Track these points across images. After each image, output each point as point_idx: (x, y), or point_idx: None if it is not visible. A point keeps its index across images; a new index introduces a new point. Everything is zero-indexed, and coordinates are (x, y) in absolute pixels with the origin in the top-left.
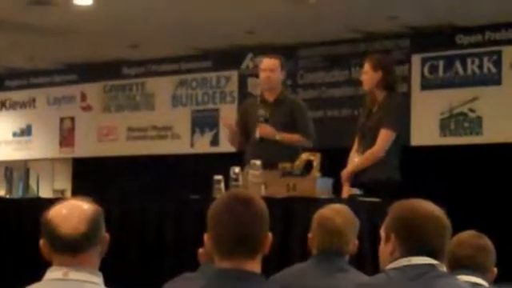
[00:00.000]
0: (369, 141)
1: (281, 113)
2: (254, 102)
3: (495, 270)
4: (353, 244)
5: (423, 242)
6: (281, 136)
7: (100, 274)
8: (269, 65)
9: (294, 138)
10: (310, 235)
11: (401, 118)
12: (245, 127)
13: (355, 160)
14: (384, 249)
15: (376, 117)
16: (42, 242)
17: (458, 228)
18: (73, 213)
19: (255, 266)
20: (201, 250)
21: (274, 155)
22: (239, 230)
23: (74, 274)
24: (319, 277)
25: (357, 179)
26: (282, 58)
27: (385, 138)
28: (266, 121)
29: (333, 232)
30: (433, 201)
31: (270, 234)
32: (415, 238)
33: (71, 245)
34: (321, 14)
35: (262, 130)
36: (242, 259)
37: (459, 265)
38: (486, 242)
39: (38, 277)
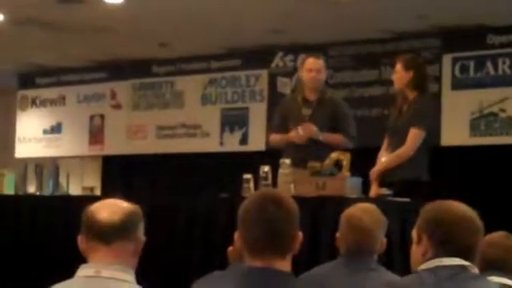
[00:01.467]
0: (398, 140)
1: (323, 113)
2: (294, 99)
3: None
4: (381, 243)
5: (455, 243)
6: (324, 136)
7: (132, 272)
8: (315, 65)
9: (336, 138)
10: (338, 234)
11: (430, 118)
12: (284, 124)
13: (384, 159)
14: (416, 250)
15: (406, 116)
16: (79, 237)
17: (488, 229)
18: (112, 206)
19: (285, 264)
20: (230, 249)
21: (305, 154)
22: (270, 229)
23: (105, 272)
24: (348, 276)
25: (385, 179)
26: (324, 57)
27: (414, 137)
28: (306, 121)
29: (361, 231)
30: (463, 201)
31: (300, 234)
32: (447, 239)
33: (105, 231)
34: (350, 13)
35: (307, 129)
36: (273, 258)
37: (490, 266)
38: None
39: (69, 274)
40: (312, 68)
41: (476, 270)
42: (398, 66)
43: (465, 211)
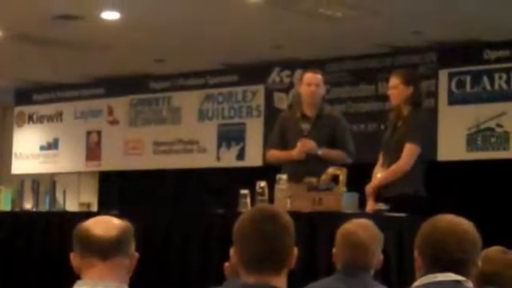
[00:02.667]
0: (393, 155)
1: (322, 128)
2: (293, 115)
3: None
4: (377, 258)
5: (445, 257)
6: (323, 151)
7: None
8: (314, 80)
9: (334, 153)
10: (334, 250)
11: (426, 134)
12: (282, 140)
13: (379, 175)
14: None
15: (401, 132)
16: (72, 254)
17: (485, 243)
18: (105, 221)
19: (281, 281)
20: (227, 264)
21: (301, 170)
22: (265, 245)
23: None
24: None
25: (381, 194)
26: (322, 72)
27: (410, 152)
28: (304, 136)
29: (357, 246)
30: (460, 216)
31: (295, 249)
32: (437, 254)
33: (101, 247)
34: (347, 28)
35: (306, 145)
36: (268, 274)
37: (486, 281)
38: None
39: None
40: (311, 82)
41: (470, 285)
42: (396, 81)
43: (457, 225)
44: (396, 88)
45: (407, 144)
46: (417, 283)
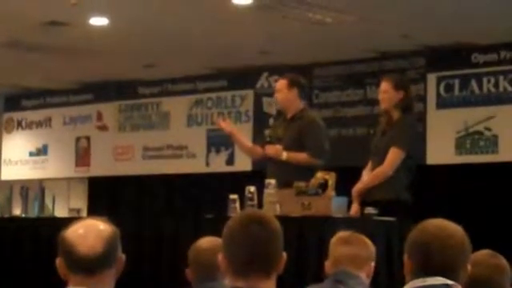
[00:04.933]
0: (380, 160)
1: (291, 132)
2: (280, 120)
3: None
4: (369, 267)
5: (433, 262)
6: (287, 156)
7: None
8: (277, 85)
9: (299, 157)
10: (326, 263)
11: (412, 139)
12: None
13: (364, 178)
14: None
15: (389, 136)
16: (58, 260)
17: (474, 247)
18: (90, 233)
19: (270, 285)
20: (187, 270)
21: (290, 174)
22: (254, 250)
23: None
24: None
25: (365, 198)
26: (294, 76)
27: (394, 156)
28: (280, 140)
29: (348, 260)
30: (449, 219)
31: (284, 254)
32: (425, 259)
33: (88, 265)
34: (335, 33)
35: (268, 150)
36: (257, 278)
37: (475, 285)
38: (502, 261)
39: None
40: (275, 89)
41: None
42: (387, 86)
43: (445, 230)
44: (386, 93)
45: (392, 148)
46: (406, 286)
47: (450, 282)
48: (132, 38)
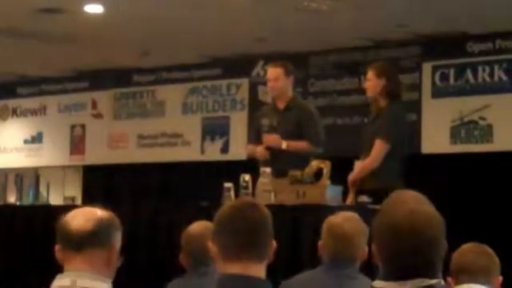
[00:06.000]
0: (367, 149)
1: (288, 121)
2: (267, 109)
3: (500, 278)
4: (362, 251)
5: (406, 264)
6: (287, 145)
7: (108, 281)
8: (272, 74)
9: (300, 145)
10: (320, 243)
11: (398, 128)
12: (258, 134)
13: (356, 167)
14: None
15: (376, 125)
16: (56, 247)
17: (467, 235)
18: (84, 214)
19: (261, 270)
20: (181, 256)
21: (285, 163)
22: (246, 233)
23: (81, 282)
24: (329, 284)
25: (359, 187)
26: (287, 64)
27: (378, 149)
28: (274, 129)
29: (342, 239)
30: (443, 209)
31: (274, 242)
32: (396, 261)
33: (77, 239)
34: (331, 21)
35: (268, 140)
36: (250, 263)
37: (460, 271)
38: (487, 248)
39: (47, 283)
40: (269, 77)
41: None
42: (370, 74)
43: (414, 224)
44: (370, 80)
45: (377, 140)
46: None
47: (433, 281)
48: (127, 26)
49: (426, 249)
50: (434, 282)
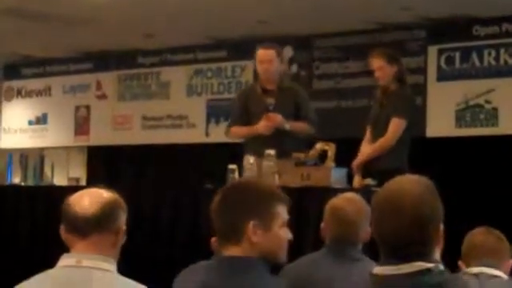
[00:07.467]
0: (380, 131)
1: (286, 101)
2: (253, 90)
3: (511, 261)
4: (365, 232)
5: (399, 248)
6: (290, 125)
7: (114, 262)
8: (265, 56)
9: (300, 126)
10: (322, 225)
11: (412, 109)
12: (245, 115)
13: (366, 150)
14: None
15: (388, 107)
16: (61, 227)
17: (473, 219)
18: (90, 196)
19: (237, 251)
20: (213, 239)
21: (288, 144)
22: (222, 217)
23: (87, 261)
24: (332, 266)
25: (367, 169)
26: (277, 45)
27: (396, 126)
28: (269, 112)
29: (345, 221)
30: (448, 193)
31: (251, 224)
32: (388, 244)
33: (81, 225)
34: (335, 4)
35: (272, 119)
36: (225, 245)
37: (472, 254)
38: (498, 233)
39: (52, 263)
40: (263, 59)
41: (441, 267)
42: (380, 62)
43: (399, 208)
44: (381, 69)
45: (393, 118)
46: (377, 271)
47: (429, 265)
48: (132, 7)
49: (408, 230)
50: (430, 265)
